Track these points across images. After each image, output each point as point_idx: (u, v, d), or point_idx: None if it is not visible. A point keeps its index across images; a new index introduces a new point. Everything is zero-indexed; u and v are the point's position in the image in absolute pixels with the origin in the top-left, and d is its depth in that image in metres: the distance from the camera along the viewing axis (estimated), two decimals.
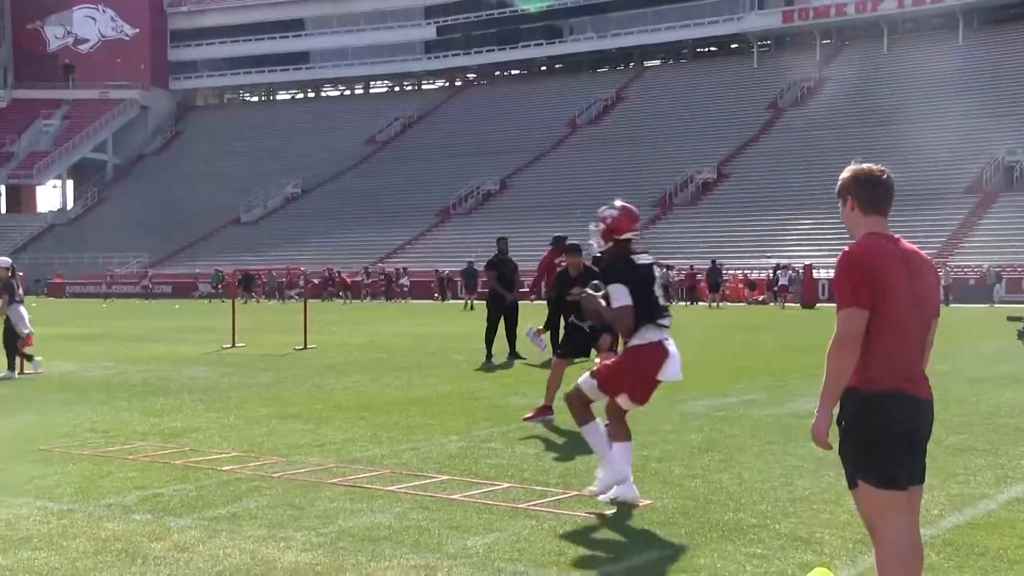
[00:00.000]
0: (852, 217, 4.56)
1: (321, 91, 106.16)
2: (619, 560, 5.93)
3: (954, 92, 67.42)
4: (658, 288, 7.52)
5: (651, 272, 7.54)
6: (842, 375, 4.33)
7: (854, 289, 4.33)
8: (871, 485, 4.36)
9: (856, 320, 4.31)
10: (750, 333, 27.30)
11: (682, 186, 68.66)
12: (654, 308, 7.43)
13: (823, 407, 4.37)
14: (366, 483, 8.04)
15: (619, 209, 7.70)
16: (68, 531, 6.63)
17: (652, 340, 7.39)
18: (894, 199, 4.57)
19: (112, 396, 13.81)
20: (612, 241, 7.60)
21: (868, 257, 4.37)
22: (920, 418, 4.40)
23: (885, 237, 4.48)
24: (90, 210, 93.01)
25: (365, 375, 16.48)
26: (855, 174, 4.58)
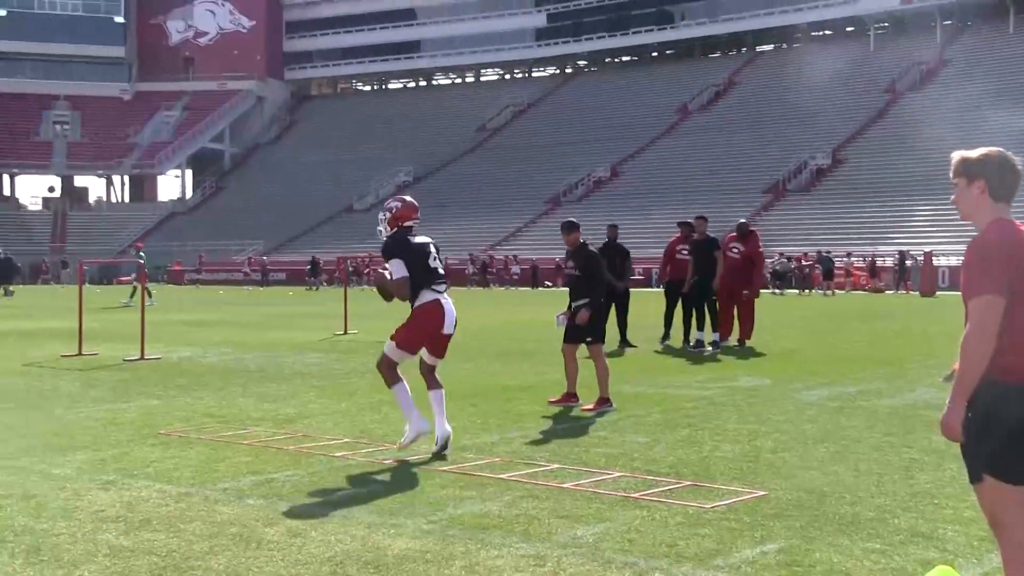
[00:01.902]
0: (979, 200, 4.32)
1: (432, 79, 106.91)
2: (731, 552, 5.83)
3: None
4: (433, 260, 8.95)
5: (425, 248, 8.98)
6: (979, 365, 4.14)
7: (991, 275, 4.14)
8: (999, 480, 4.19)
9: (994, 308, 4.12)
10: (866, 321, 26.80)
11: (795, 172, 67.70)
12: (429, 275, 8.91)
13: (957, 398, 4.18)
14: (476, 471, 8.05)
15: (402, 201, 9.16)
16: (185, 514, 6.74)
17: (430, 299, 8.91)
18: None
19: (228, 382, 14.05)
20: (397, 227, 9.02)
21: (1005, 242, 4.19)
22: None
23: (1012, 223, 4.29)
24: (208, 199, 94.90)
25: (475, 363, 16.50)
26: (995, 157, 4.34)
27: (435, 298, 8.92)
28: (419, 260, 8.89)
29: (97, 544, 6.05)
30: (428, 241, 9.09)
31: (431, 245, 9.06)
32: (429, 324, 8.97)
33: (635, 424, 10.24)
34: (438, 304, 8.92)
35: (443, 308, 8.94)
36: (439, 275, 9.00)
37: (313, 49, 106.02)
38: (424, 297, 8.92)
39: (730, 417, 10.64)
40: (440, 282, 8.99)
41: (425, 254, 8.93)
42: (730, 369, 15.28)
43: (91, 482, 7.72)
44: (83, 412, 11.35)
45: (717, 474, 7.89)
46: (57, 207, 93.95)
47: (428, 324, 8.97)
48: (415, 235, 9.04)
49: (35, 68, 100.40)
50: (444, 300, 8.96)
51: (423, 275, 8.88)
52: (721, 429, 9.88)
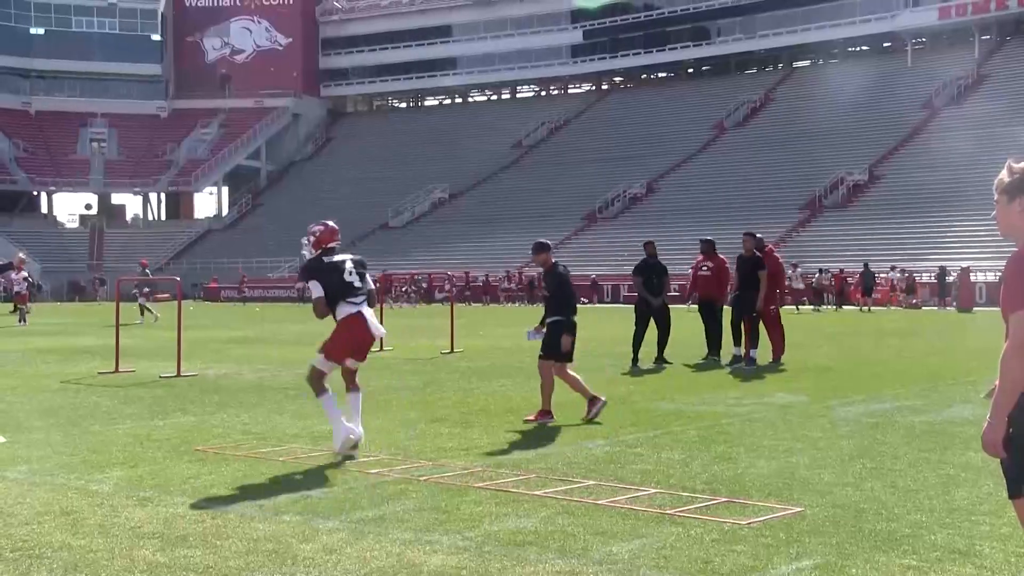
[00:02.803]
0: (1020, 219, 4.24)
1: (468, 96, 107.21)
2: (767, 569, 5.81)
3: None
4: (349, 275, 9.68)
5: (340, 266, 9.73)
6: (1020, 381, 4.12)
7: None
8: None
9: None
10: (904, 338, 26.63)
11: (832, 188, 67.37)
12: (346, 290, 9.69)
13: (997, 414, 4.16)
14: (512, 487, 8.05)
15: (325, 226, 9.93)
16: (221, 531, 6.78)
17: (350, 312, 9.69)
18: None
19: (264, 398, 14.12)
20: (320, 249, 9.85)
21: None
22: None
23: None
24: (244, 216, 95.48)
25: (512, 379, 16.54)
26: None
27: (355, 310, 9.73)
28: (335, 278, 9.68)
29: (134, 560, 6.09)
30: (346, 259, 9.83)
31: (348, 262, 9.79)
32: (353, 334, 9.76)
33: (671, 441, 10.22)
34: (358, 315, 9.73)
35: (363, 317, 9.75)
36: (355, 289, 9.75)
37: (349, 66, 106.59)
38: (344, 310, 9.73)
39: (766, 433, 10.59)
40: (356, 295, 9.75)
41: (340, 271, 9.70)
42: (766, 386, 15.21)
43: (128, 499, 7.77)
44: (120, 429, 11.44)
45: (753, 490, 7.85)
46: (94, 224, 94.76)
47: (352, 334, 9.76)
48: (335, 255, 9.85)
49: (72, 86, 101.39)
50: (363, 310, 9.78)
51: (340, 290, 9.70)
52: (757, 445, 9.85)
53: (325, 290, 9.67)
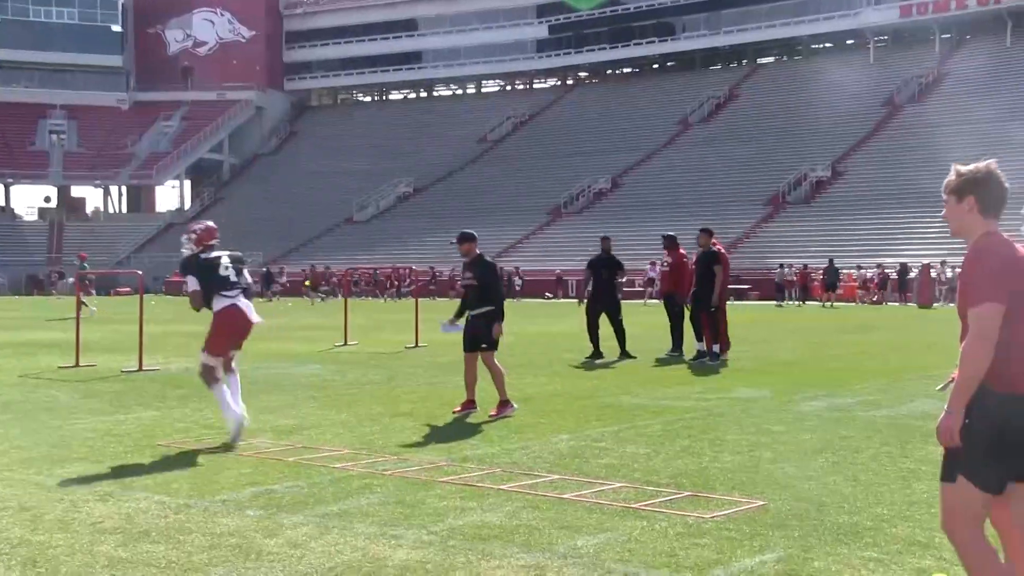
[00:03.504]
0: (969, 217, 4.43)
1: (433, 91, 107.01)
2: (730, 562, 5.84)
3: None
4: (225, 270, 10.26)
5: (214, 262, 10.30)
6: (979, 372, 4.23)
7: (990, 284, 4.24)
8: (972, 484, 4.30)
9: (994, 315, 4.22)
10: (865, 333, 26.81)
11: (795, 184, 67.72)
12: (221, 284, 10.24)
13: (955, 404, 4.26)
14: (477, 481, 8.05)
15: (204, 226, 10.61)
16: (184, 525, 6.74)
17: (225, 304, 10.23)
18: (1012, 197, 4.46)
19: None
20: (201, 247, 10.43)
21: (1001, 253, 4.30)
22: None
23: (1004, 237, 4.40)
24: (207, 210, 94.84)
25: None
26: (984, 174, 4.44)
27: (229, 303, 10.27)
28: (210, 273, 10.29)
29: (95, 556, 6.05)
30: (223, 255, 10.39)
31: (225, 258, 10.37)
32: (230, 324, 10.30)
33: (635, 435, 10.25)
34: (234, 306, 10.26)
35: (238, 308, 10.28)
36: (230, 283, 10.31)
37: (313, 59, 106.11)
38: (219, 303, 10.27)
39: (729, 428, 10.64)
40: (232, 288, 10.30)
41: (215, 267, 10.29)
42: (729, 380, 15.28)
43: (89, 494, 7.72)
44: (80, 423, 11.36)
45: (717, 484, 7.90)
46: (53, 217, 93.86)
47: (229, 325, 10.30)
48: (212, 252, 10.42)
49: (31, 77, 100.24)
50: (238, 301, 10.30)
51: (215, 284, 10.27)
52: (720, 440, 9.89)
53: (201, 284, 10.27)
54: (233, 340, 10.45)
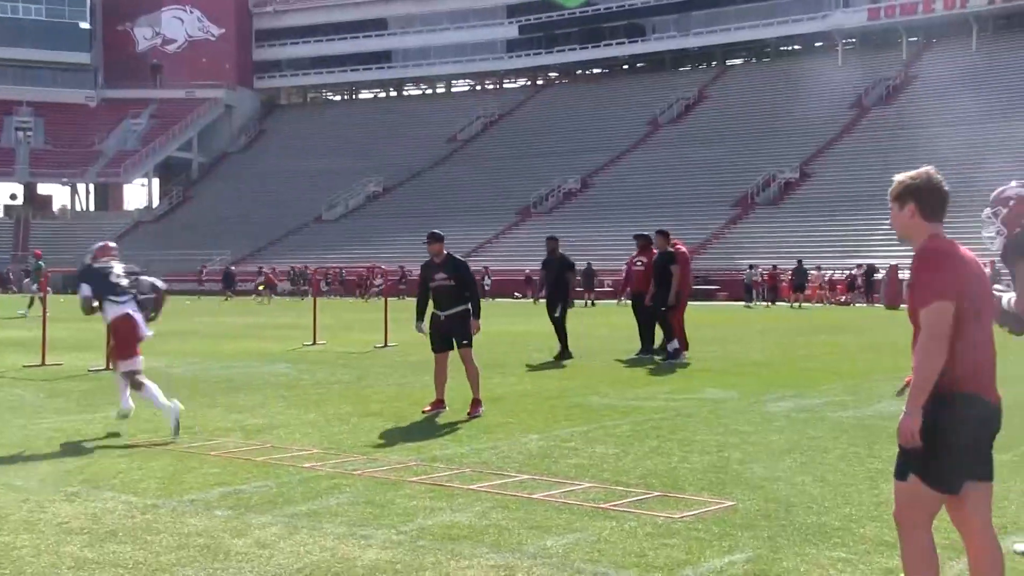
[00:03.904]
0: (912, 223, 4.53)
1: (403, 90, 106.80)
2: (700, 563, 5.86)
3: None
4: (115, 278, 11.08)
5: (105, 271, 11.15)
6: (934, 372, 4.29)
7: (941, 283, 4.32)
8: (924, 483, 4.37)
9: (945, 314, 4.29)
10: (833, 334, 26.94)
11: (764, 185, 67.99)
12: (111, 289, 11.03)
13: (913, 404, 4.32)
14: (446, 481, 8.05)
15: (103, 244, 11.68)
16: (152, 526, 6.71)
17: (118, 314, 11.01)
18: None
19: (196, 392, 13.99)
20: (96, 260, 11.33)
21: (949, 253, 4.39)
22: (992, 422, 4.44)
23: (949, 239, 4.49)
24: (175, 208, 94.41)
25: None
26: (925, 181, 4.55)
27: (122, 311, 11.01)
28: (101, 281, 11.07)
29: (61, 557, 6.01)
30: (114, 266, 11.22)
31: (117, 267, 11.22)
32: (125, 330, 11.02)
33: (604, 435, 10.26)
34: (127, 315, 11.02)
35: (131, 317, 11.04)
36: (120, 288, 11.08)
37: (283, 58, 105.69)
38: (112, 310, 11.04)
39: (698, 428, 10.67)
40: (122, 294, 11.06)
41: (106, 275, 11.09)
42: (698, 381, 15.33)
43: (55, 494, 7.67)
44: (46, 423, 11.28)
45: (686, 485, 7.92)
46: (20, 215, 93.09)
47: (124, 330, 11.02)
48: (108, 263, 11.25)
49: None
50: (129, 310, 11.06)
51: (105, 289, 11.03)
52: (689, 440, 9.92)
53: (93, 290, 11.06)
54: (133, 343, 11.07)
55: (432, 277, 12.20)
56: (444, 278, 12.09)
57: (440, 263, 12.16)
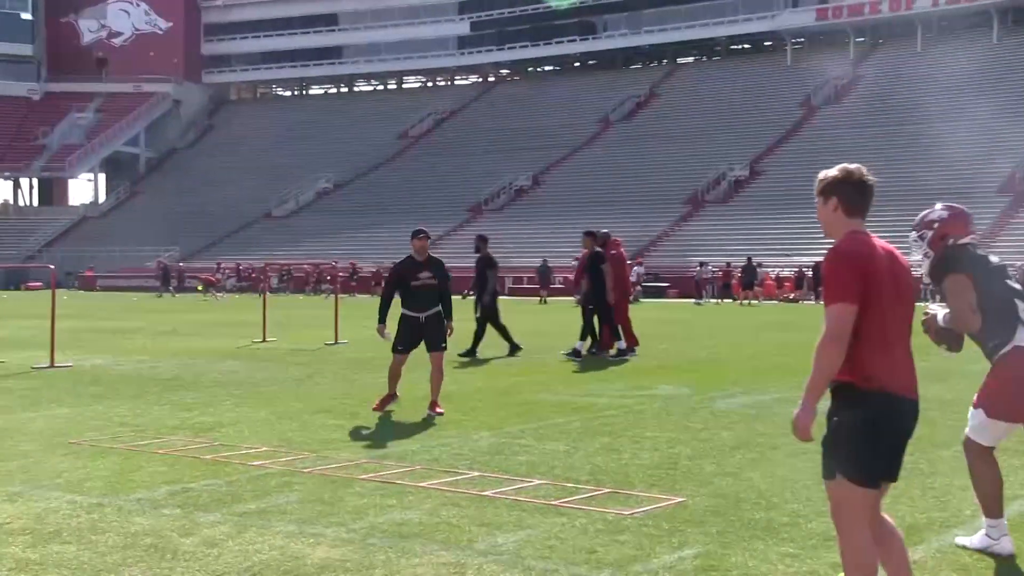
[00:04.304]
0: (834, 217, 4.61)
1: (354, 86, 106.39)
2: (649, 558, 5.87)
3: (988, 91, 66.78)
4: None
5: None
6: (830, 370, 4.42)
7: (843, 285, 4.39)
8: (850, 481, 4.44)
9: (846, 315, 4.37)
10: (783, 331, 27.13)
11: (714, 183, 68.36)
12: None
13: (809, 400, 4.46)
14: (397, 479, 8.02)
15: None
16: (97, 525, 6.63)
17: None
18: (928, 197, 4.65)
19: (143, 390, 13.86)
20: None
21: (858, 253, 4.45)
22: (909, 420, 4.50)
23: (867, 235, 4.56)
24: (122, 203, 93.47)
25: None
26: (846, 176, 4.63)
27: None
28: None
29: (1, 558, 5.92)
30: None
31: None
32: None
33: (555, 432, 10.27)
34: None
35: None
36: None
37: (232, 53, 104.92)
38: None
39: (649, 425, 10.71)
40: None
41: None
42: (649, 378, 15.38)
43: None
44: None
45: (636, 481, 7.94)
46: None
47: None
48: None
49: None
50: None
51: None
52: (640, 437, 9.95)
53: None
54: None
55: (415, 276, 11.76)
56: (429, 277, 11.75)
57: (423, 262, 11.82)
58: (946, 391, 13.29)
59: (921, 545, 6.14)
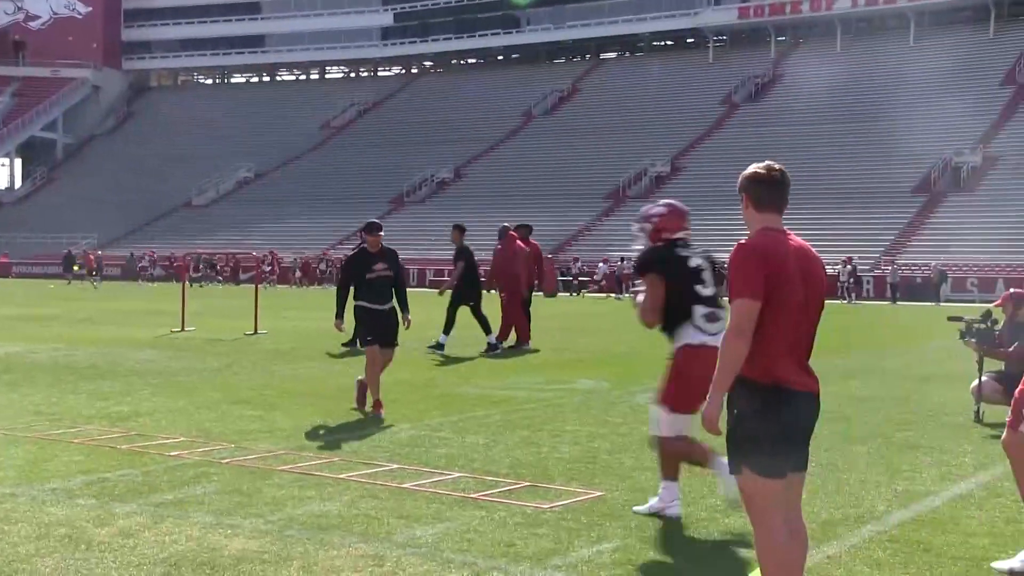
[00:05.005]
0: (748, 214, 4.76)
1: (276, 75, 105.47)
2: (568, 552, 5.92)
3: (906, 92, 68.01)
4: None
5: None
6: (735, 364, 4.47)
7: (748, 280, 4.48)
8: (754, 473, 4.51)
9: (749, 310, 4.45)
10: None
11: (636, 179, 68.80)
12: None
13: (715, 394, 4.52)
14: (315, 470, 8.00)
15: None
16: (10, 515, 6.54)
17: None
18: (845, 196, 4.70)
19: (59, 379, 13.66)
20: None
21: (762, 249, 4.56)
22: (807, 411, 4.57)
23: (778, 232, 4.66)
24: (39, 189, 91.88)
25: (316, 361, 16.42)
26: (753, 173, 4.76)
27: None
28: None
29: None
30: None
31: None
32: None
33: (475, 425, 10.30)
34: None
35: None
36: None
37: (153, 39, 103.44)
38: None
39: (569, 419, 10.78)
40: None
41: None
42: (569, 372, 15.46)
43: None
44: None
45: (555, 475, 7.99)
46: None
47: None
48: None
49: None
50: None
51: None
52: (560, 431, 10.01)
53: None
54: None
55: (370, 268, 11.47)
56: (384, 268, 11.49)
57: (377, 253, 11.56)
58: (861, 387, 13.56)
59: (835, 540, 6.26)
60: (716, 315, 6.82)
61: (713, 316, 6.82)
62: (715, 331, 6.68)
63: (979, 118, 63.98)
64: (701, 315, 6.81)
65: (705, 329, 6.77)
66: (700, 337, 6.74)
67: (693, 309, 6.80)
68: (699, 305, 6.82)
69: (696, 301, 6.83)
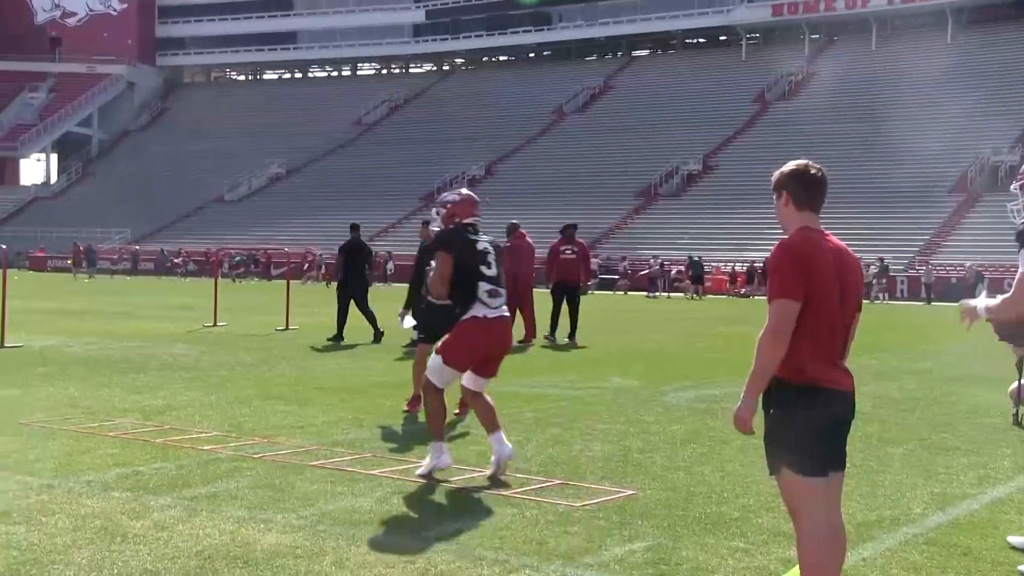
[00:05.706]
0: (787, 212, 4.70)
1: (308, 72, 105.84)
2: (600, 550, 5.91)
3: (941, 90, 67.54)
4: None
5: None
6: (771, 364, 4.45)
7: (787, 280, 4.45)
8: (794, 473, 4.49)
9: (789, 311, 4.43)
10: (734, 325, 27.31)
11: (667, 177, 68.61)
12: None
13: (749, 394, 4.51)
14: (348, 466, 8.01)
15: None
16: (47, 507, 6.58)
17: None
18: (882, 195, 4.67)
19: (93, 372, 13.74)
20: None
21: (802, 250, 4.52)
22: (844, 410, 4.55)
23: (817, 232, 4.62)
24: (74, 184, 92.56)
25: (348, 358, 16.46)
26: (794, 170, 4.72)
27: None
28: None
29: None
30: None
31: None
32: None
33: (507, 422, 10.25)
34: None
35: None
36: None
37: (186, 36, 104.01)
38: None
39: (600, 417, 10.75)
40: None
41: None
42: (600, 370, 15.44)
43: None
44: None
45: (587, 473, 7.97)
46: None
47: None
48: None
49: None
50: None
51: None
52: (591, 429, 9.99)
53: None
54: None
55: (428, 262, 10.67)
56: None
57: (430, 247, 11.38)
58: (895, 390, 13.47)
59: (871, 543, 6.22)
60: (497, 292, 7.85)
61: (495, 292, 7.83)
62: (496, 305, 7.82)
63: (1017, 117, 63.43)
64: (485, 291, 7.78)
65: (488, 303, 7.79)
66: (483, 310, 7.78)
67: (479, 285, 7.76)
68: (483, 282, 7.79)
69: (481, 279, 7.78)
